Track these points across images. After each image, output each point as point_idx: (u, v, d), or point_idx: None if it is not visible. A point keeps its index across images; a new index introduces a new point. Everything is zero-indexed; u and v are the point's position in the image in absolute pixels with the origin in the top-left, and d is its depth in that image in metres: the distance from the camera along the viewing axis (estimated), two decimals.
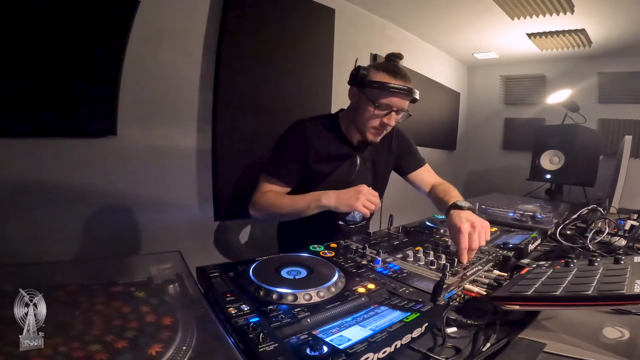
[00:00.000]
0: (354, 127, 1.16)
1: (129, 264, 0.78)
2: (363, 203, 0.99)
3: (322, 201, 1.02)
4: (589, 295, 0.54)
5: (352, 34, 2.49)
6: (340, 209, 1.01)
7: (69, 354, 0.40)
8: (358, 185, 1.02)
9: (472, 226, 0.85)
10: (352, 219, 1.25)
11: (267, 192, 1.14)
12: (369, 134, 1.13)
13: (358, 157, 1.20)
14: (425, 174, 1.34)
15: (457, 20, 2.70)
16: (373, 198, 1.01)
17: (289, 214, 1.11)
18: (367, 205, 0.99)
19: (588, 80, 3.17)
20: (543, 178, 2.59)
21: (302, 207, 1.06)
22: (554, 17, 2.37)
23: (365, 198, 0.99)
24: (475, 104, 4.07)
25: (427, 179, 1.33)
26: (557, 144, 2.54)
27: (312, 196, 1.05)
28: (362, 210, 0.99)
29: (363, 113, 1.10)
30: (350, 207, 1.00)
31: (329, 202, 1.01)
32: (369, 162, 1.25)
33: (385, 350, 0.48)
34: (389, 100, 1.06)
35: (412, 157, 1.35)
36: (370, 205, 1.00)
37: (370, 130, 1.12)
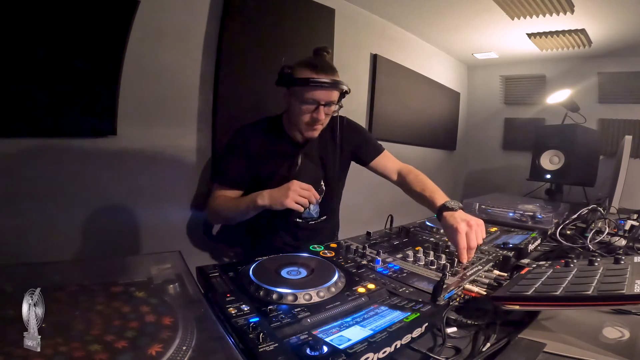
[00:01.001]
0: (292, 125, 1.18)
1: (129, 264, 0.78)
2: (294, 199, 0.97)
3: (257, 202, 1.02)
4: (589, 295, 0.54)
5: (352, 34, 2.49)
6: (274, 207, 1.00)
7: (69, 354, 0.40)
8: (289, 182, 1.00)
9: (469, 225, 0.85)
10: (309, 215, 1.25)
11: (217, 197, 1.18)
12: (305, 131, 1.14)
13: (300, 154, 1.20)
14: (385, 160, 1.33)
15: (457, 20, 2.69)
16: (304, 192, 0.99)
17: (236, 216, 1.14)
18: (299, 200, 0.97)
19: (588, 80, 3.16)
20: (543, 178, 2.59)
21: (243, 209, 1.08)
22: (554, 17, 2.37)
23: (295, 194, 0.97)
24: (475, 104, 4.07)
25: (389, 166, 1.32)
26: (557, 144, 2.54)
27: (250, 197, 1.06)
28: (293, 206, 0.97)
29: (293, 110, 1.12)
30: (281, 204, 0.98)
31: (263, 201, 1.01)
32: (317, 158, 1.25)
33: (385, 350, 0.48)
34: (312, 94, 1.06)
35: (368, 145, 1.33)
36: (301, 199, 0.98)
37: (304, 127, 1.12)
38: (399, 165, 1.33)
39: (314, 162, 1.25)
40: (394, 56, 2.83)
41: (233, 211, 1.13)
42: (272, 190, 1.02)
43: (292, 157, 1.20)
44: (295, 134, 1.20)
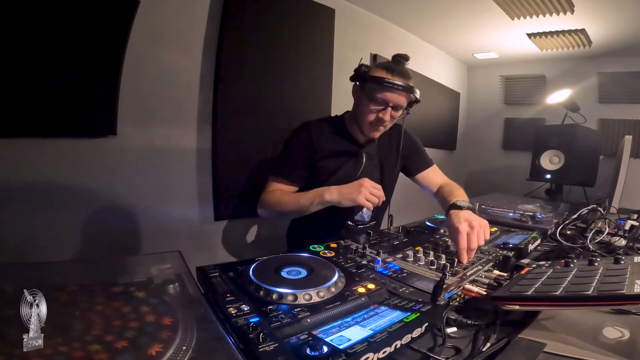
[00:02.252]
0: (355, 123, 1.19)
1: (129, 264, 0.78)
2: (365, 196, 0.98)
3: (324, 196, 1.02)
4: (589, 295, 0.54)
5: (352, 34, 2.49)
6: (342, 203, 1.01)
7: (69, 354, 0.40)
8: (360, 179, 1.02)
9: (471, 226, 0.85)
10: (361, 219, 1.25)
11: (273, 190, 1.17)
12: (367, 129, 1.15)
13: (364, 154, 1.21)
14: (432, 174, 1.35)
15: (457, 20, 2.70)
16: (376, 191, 1.00)
17: (294, 211, 1.13)
18: (370, 198, 0.99)
19: (588, 80, 3.17)
20: (543, 178, 2.59)
21: (305, 204, 1.07)
22: (554, 17, 2.37)
23: (367, 191, 0.99)
24: (475, 104, 4.07)
25: (434, 180, 1.33)
26: (557, 144, 2.54)
27: (315, 192, 1.06)
28: (364, 203, 0.98)
29: (361, 107, 1.13)
30: (352, 200, 0.99)
31: (331, 197, 1.02)
32: (376, 160, 1.26)
33: (385, 350, 0.48)
34: (383, 95, 1.08)
35: (420, 157, 1.36)
36: (373, 198, 0.99)
37: (367, 125, 1.14)
38: (442, 179, 1.34)
39: (374, 165, 1.25)
40: None
41: (292, 205, 1.11)
42: (341, 187, 1.02)
43: (355, 155, 1.21)
44: (358, 133, 1.20)
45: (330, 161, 1.19)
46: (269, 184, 1.19)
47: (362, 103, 1.12)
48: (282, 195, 1.15)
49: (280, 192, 1.16)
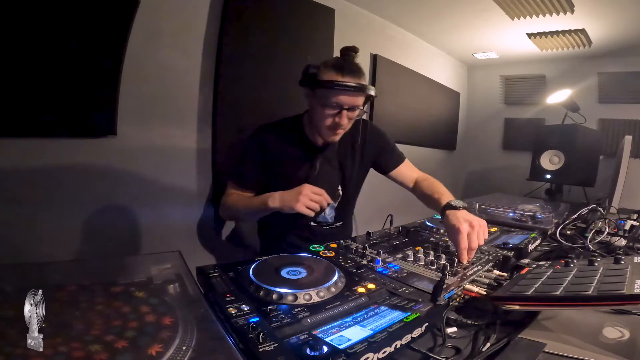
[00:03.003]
0: (313, 128, 1.14)
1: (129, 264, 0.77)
2: (305, 203, 0.95)
3: (268, 203, 1.00)
4: (589, 295, 0.54)
5: (352, 34, 2.49)
6: (284, 210, 0.98)
7: (69, 354, 0.40)
8: (301, 185, 0.98)
9: (471, 226, 0.85)
10: (323, 220, 1.22)
11: (230, 194, 1.17)
12: (325, 135, 1.10)
13: (319, 158, 1.18)
14: (406, 170, 1.31)
15: (457, 20, 2.70)
16: (316, 197, 0.96)
17: (247, 215, 1.15)
18: (310, 205, 0.95)
19: (588, 80, 3.17)
20: (543, 178, 2.59)
21: (254, 210, 1.07)
22: (554, 17, 2.37)
23: (306, 198, 0.95)
24: (475, 104, 4.07)
25: (409, 175, 1.30)
26: (557, 144, 2.54)
27: (261, 198, 1.04)
28: (303, 210, 0.95)
29: (315, 113, 1.08)
30: (290, 208, 0.96)
31: (274, 204, 0.99)
32: (335, 162, 1.22)
33: (385, 350, 0.48)
34: (337, 98, 1.01)
35: (391, 154, 1.30)
36: (313, 204, 0.96)
37: (325, 131, 1.09)
38: (417, 174, 1.31)
39: (333, 166, 1.22)
40: (394, 56, 2.84)
41: (244, 210, 1.11)
42: (284, 193, 0.99)
43: (311, 160, 1.18)
44: (316, 136, 1.16)
45: (286, 166, 1.16)
46: (228, 188, 1.18)
47: (315, 108, 1.06)
48: (237, 199, 1.14)
49: (236, 196, 1.15)
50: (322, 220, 1.23)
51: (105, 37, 1.39)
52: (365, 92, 1.03)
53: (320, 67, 1.03)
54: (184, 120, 1.72)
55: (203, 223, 1.83)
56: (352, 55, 1.08)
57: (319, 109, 1.05)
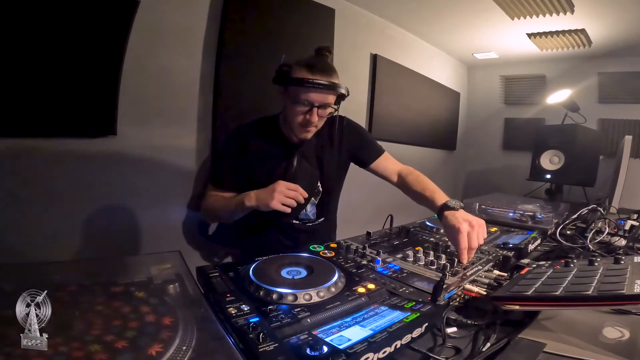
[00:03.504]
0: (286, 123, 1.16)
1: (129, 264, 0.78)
2: (280, 200, 0.96)
3: (244, 203, 1.01)
4: (589, 295, 0.54)
5: (352, 34, 2.49)
6: (260, 208, 0.99)
7: (69, 354, 0.40)
8: (275, 183, 0.99)
9: (471, 225, 0.85)
10: (305, 217, 1.25)
11: (210, 195, 1.18)
12: (298, 132, 1.12)
13: (296, 155, 1.18)
14: (386, 162, 1.31)
15: (457, 20, 2.69)
16: (291, 192, 0.97)
17: (226, 216, 1.14)
18: (285, 201, 0.96)
19: (588, 80, 3.16)
20: (543, 178, 2.59)
21: (232, 210, 1.07)
22: (554, 17, 2.37)
23: (281, 195, 0.96)
24: (475, 104, 4.07)
25: (390, 167, 1.30)
26: (557, 144, 2.54)
27: (238, 198, 1.05)
28: (279, 207, 0.96)
29: (288, 110, 1.09)
30: (266, 206, 0.97)
31: (250, 203, 1.00)
32: (313, 159, 1.23)
33: (385, 350, 0.48)
34: (307, 96, 1.02)
35: (369, 147, 1.31)
36: (289, 201, 0.97)
37: (297, 127, 1.10)
38: (399, 166, 1.31)
39: (311, 162, 1.23)
40: (394, 56, 2.84)
41: (223, 211, 1.12)
42: (259, 191, 1.00)
43: (288, 157, 1.18)
44: (291, 134, 1.17)
45: (264, 165, 1.17)
46: (207, 190, 1.19)
47: (287, 106, 1.08)
48: (216, 200, 1.14)
49: (215, 198, 1.15)
50: (304, 217, 1.24)
51: (105, 37, 1.39)
52: (336, 91, 1.05)
53: (293, 66, 1.05)
54: (184, 120, 1.72)
55: (203, 223, 1.83)
56: (326, 54, 1.12)
57: (291, 107, 1.06)
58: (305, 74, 1.01)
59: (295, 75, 1.03)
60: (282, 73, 1.05)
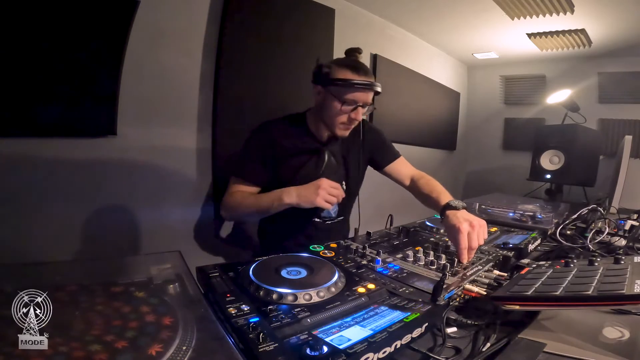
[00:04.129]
0: (322, 124, 1.18)
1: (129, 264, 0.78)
2: (324, 197, 0.98)
3: (283, 199, 1.02)
4: (589, 295, 0.54)
5: (352, 34, 2.49)
6: (302, 205, 1.00)
7: (69, 354, 0.40)
8: (318, 180, 1.01)
9: (471, 225, 0.85)
10: (328, 215, 1.25)
11: (235, 192, 1.16)
12: (337, 130, 1.15)
13: (326, 151, 1.20)
14: (401, 166, 1.34)
15: (457, 20, 2.69)
16: (334, 190, 1.00)
17: (255, 213, 1.13)
18: (328, 199, 0.99)
19: (588, 80, 3.16)
20: (543, 178, 2.59)
21: (266, 206, 1.07)
22: (554, 17, 2.37)
23: (325, 192, 0.98)
24: (475, 104, 4.07)
25: (404, 171, 1.33)
26: (557, 144, 2.54)
27: (274, 194, 1.05)
28: (322, 204, 0.98)
29: (330, 110, 1.11)
30: (310, 202, 0.99)
31: (290, 199, 1.01)
32: (340, 157, 1.26)
33: (385, 350, 0.48)
34: (353, 95, 1.07)
35: (386, 150, 1.34)
36: (331, 198, 0.99)
37: (339, 126, 1.13)
38: (412, 171, 1.33)
39: (337, 161, 1.25)
40: (394, 56, 2.84)
41: (252, 208, 1.11)
42: (300, 188, 1.02)
43: (317, 154, 1.20)
44: (322, 132, 1.20)
45: (291, 160, 1.18)
46: (231, 186, 1.18)
47: (330, 105, 1.10)
48: (243, 197, 1.13)
49: (242, 195, 1.14)
50: (327, 215, 1.25)
51: (105, 37, 1.39)
52: (377, 90, 1.10)
53: (333, 66, 1.09)
54: (184, 120, 1.72)
55: (203, 223, 1.83)
56: (357, 55, 1.16)
57: (335, 106, 1.09)
58: (351, 75, 1.06)
59: (338, 75, 1.06)
60: (324, 73, 1.08)
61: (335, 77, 1.06)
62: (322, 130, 1.20)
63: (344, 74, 1.06)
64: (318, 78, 1.10)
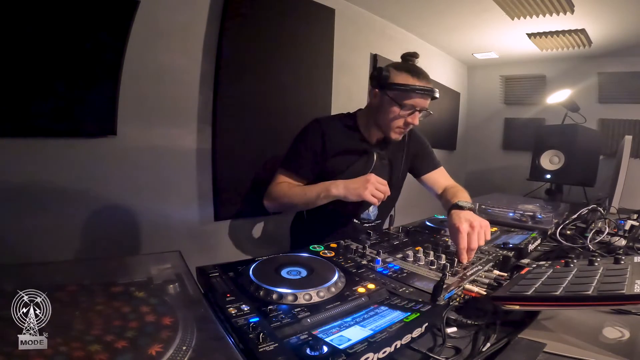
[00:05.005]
0: (375, 126, 1.19)
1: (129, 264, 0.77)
2: (371, 192, 0.99)
3: (331, 191, 1.03)
4: (589, 295, 0.54)
5: (352, 34, 2.49)
6: (349, 197, 1.01)
7: (69, 354, 0.40)
8: (366, 174, 1.02)
9: (471, 226, 0.85)
10: (367, 217, 1.26)
11: (281, 182, 1.18)
12: (392, 133, 1.16)
13: (375, 153, 1.21)
14: (439, 176, 1.35)
15: (457, 20, 2.70)
16: (381, 187, 1.01)
17: (300, 203, 1.14)
18: (376, 194, 1.00)
19: (588, 80, 3.16)
20: (543, 178, 2.59)
21: (312, 197, 1.08)
22: (554, 17, 2.37)
23: (373, 187, 0.99)
24: (475, 104, 4.07)
25: (439, 182, 1.33)
26: (557, 144, 2.54)
27: (322, 186, 1.06)
28: (369, 198, 0.99)
29: (387, 114, 1.12)
30: (358, 195, 1.00)
31: (338, 191, 1.02)
32: (386, 160, 1.26)
33: (385, 350, 0.48)
34: (413, 101, 1.08)
35: (427, 158, 1.36)
36: (378, 194, 1.00)
37: (395, 130, 1.15)
38: (448, 182, 1.33)
39: (384, 164, 1.25)
40: (394, 56, 2.83)
41: (298, 198, 1.11)
42: (348, 181, 1.03)
43: (365, 154, 1.21)
44: (373, 134, 1.21)
45: (340, 158, 1.19)
46: (277, 176, 1.19)
47: (388, 109, 1.11)
48: (290, 187, 1.15)
49: (287, 185, 1.16)
50: (366, 217, 1.25)
51: (105, 36, 1.39)
52: (436, 96, 1.10)
53: (392, 70, 1.09)
54: (184, 120, 1.72)
55: (203, 223, 1.83)
56: (415, 60, 1.15)
57: (393, 110, 1.10)
58: (411, 80, 1.06)
59: (398, 80, 1.07)
60: (384, 77, 1.08)
61: (395, 82, 1.07)
62: (372, 132, 1.21)
63: (404, 78, 1.07)
64: (377, 81, 1.10)
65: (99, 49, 1.38)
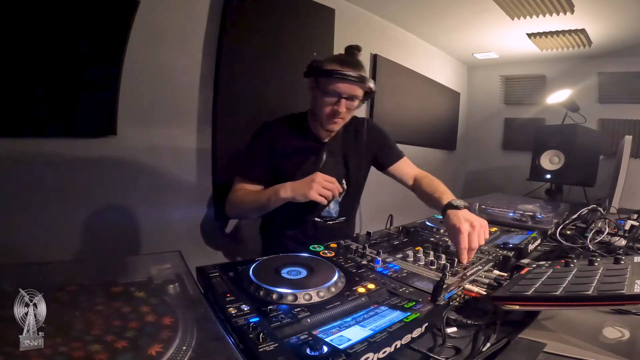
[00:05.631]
0: (315, 119, 1.19)
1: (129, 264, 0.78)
2: (318, 191, 0.98)
3: (279, 194, 1.03)
4: (589, 295, 0.54)
5: (352, 34, 2.49)
6: (297, 198, 1.01)
7: (69, 354, 0.40)
8: (313, 174, 1.01)
9: (472, 226, 0.85)
10: (328, 214, 1.26)
11: (238, 190, 1.18)
12: (324, 122, 1.16)
13: (325, 151, 1.21)
14: (405, 166, 1.34)
15: (457, 20, 2.69)
16: (329, 184, 1.00)
17: (255, 209, 1.14)
18: (323, 193, 0.99)
19: (588, 80, 3.16)
20: (543, 178, 2.59)
21: (264, 202, 1.08)
22: (554, 17, 2.37)
23: (319, 186, 0.98)
24: (475, 104, 4.07)
25: (408, 172, 1.33)
26: (557, 144, 2.54)
27: (272, 190, 1.06)
28: (316, 198, 0.98)
29: (315, 102, 1.14)
30: (304, 196, 0.99)
31: (286, 194, 1.02)
32: (340, 156, 1.26)
33: (385, 350, 0.48)
34: (336, 86, 1.07)
35: (390, 150, 1.34)
36: (325, 192, 0.99)
37: (325, 118, 1.14)
38: (416, 171, 1.33)
39: (337, 160, 1.25)
40: (394, 56, 2.84)
41: (252, 204, 1.12)
42: (295, 182, 1.03)
43: (316, 152, 1.21)
44: (319, 130, 1.21)
45: (292, 159, 1.20)
46: (234, 184, 1.20)
47: (317, 97, 1.12)
48: (245, 194, 1.16)
49: (244, 192, 1.17)
50: (327, 214, 1.25)
51: (105, 36, 1.39)
52: (364, 83, 1.09)
53: (324, 61, 1.11)
54: (184, 120, 1.72)
55: (203, 223, 1.83)
56: (356, 52, 1.16)
57: (320, 98, 1.11)
58: (335, 67, 1.07)
59: (326, 67, 1.08)
60: (313, 66, 1.10)
61: (322, 69, 1.08)
62: (319, 129, 1.21)
63: (330, 66, 1.07)
64: (309, 70, 1.11)
65: (99, 49, 1.38)
